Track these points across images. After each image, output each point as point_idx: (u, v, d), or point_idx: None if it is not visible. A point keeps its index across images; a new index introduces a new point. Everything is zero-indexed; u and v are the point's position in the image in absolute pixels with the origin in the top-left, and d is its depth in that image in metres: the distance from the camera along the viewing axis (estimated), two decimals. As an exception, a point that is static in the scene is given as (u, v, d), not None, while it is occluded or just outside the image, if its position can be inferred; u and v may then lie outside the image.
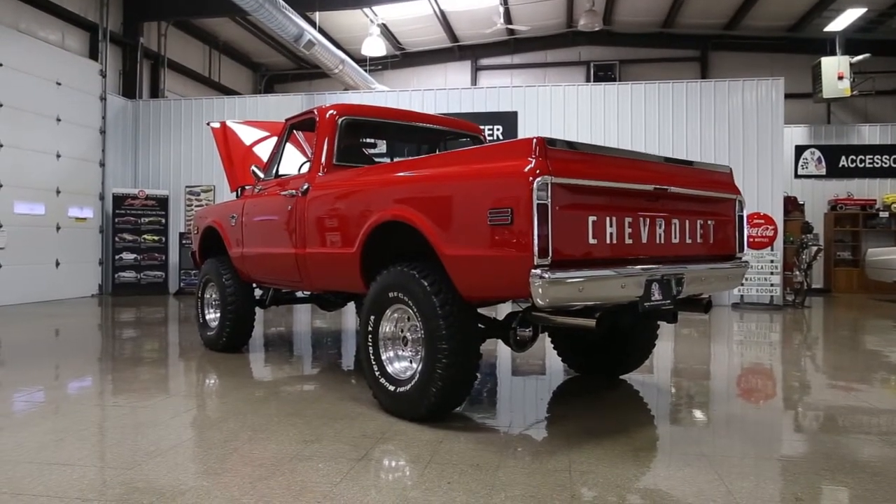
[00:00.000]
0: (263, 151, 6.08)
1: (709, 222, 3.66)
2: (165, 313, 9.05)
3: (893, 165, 12.89)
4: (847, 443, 3.11)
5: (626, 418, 3.56)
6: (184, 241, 11.47)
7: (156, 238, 11.46)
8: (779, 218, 9.80)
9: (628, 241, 3.14)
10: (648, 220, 3.25)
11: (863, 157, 12.98)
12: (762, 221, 9.54)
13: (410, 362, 3.53)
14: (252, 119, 11.34)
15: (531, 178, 2.74)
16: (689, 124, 10.23)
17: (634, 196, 3.20)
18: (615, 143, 10.37)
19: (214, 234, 5.69)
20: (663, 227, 3.34)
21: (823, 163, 13.09)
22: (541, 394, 4.28)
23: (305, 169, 4.58)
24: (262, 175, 4.99)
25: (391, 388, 3.48)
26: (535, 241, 2.72)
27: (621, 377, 4.48)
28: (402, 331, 3.59)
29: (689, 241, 3.51)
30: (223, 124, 6.14)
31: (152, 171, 11.88)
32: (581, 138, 10.48)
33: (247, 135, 6.20)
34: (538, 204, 2.72)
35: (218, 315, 5.57)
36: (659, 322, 4.12)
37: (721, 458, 2.86)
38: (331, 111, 4.48)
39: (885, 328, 7.88)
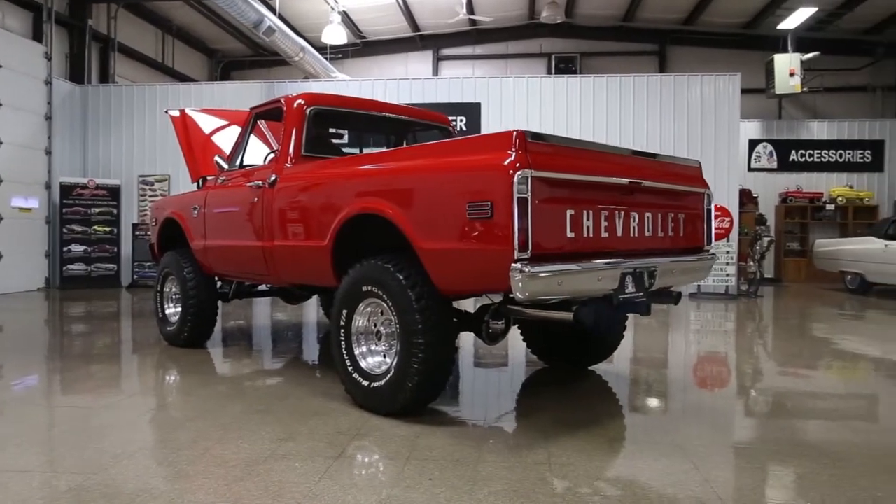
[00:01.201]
0: (225, 140, 5.91)
1: (679, 216, 3.72)
2: (119, 307, 8.73)
3: (840, 160, 13.39)
4: (809, 428, 3.21)
5: (597, 409, 3.59)
6: (137, 233, 11.09)
7: (107, 229, 11.03)
8: (734, 210, 10.07)
9: (604, 234, 3.16)
10: (623, 213, 3.27)
11: (812, 152, 13.45)
12: (719, 213, 9.77)
13: (384, 357, 3.48)
14: (210, 107, 11.02)
15: (512, 172, 2.72)
16: (649, 117, 10.39)
17: (610, 190, 3.21)
18: (577, 136, 10.48)
19: (174, 225, 5.50)
20: (637, 220, 3.37)
21: (775, 156, 13.51)
22: (512, 385, 4.29)
23: (271, 159, 4.46)
24: (225, 165, 4.84)
25: (365, 383, 3.42)
26: (516, 235, 2.70)
27: (589, 367, 4.53)
28: (375, 325, 3.53)
29: (660, 234, 3.56)
30: (182, 112, 5.93)
31: (103, 159, 11.42)
32: (544, 130, 10.54)
33: (207, 123, 6.00)
34: (518, 198, 2.70)
35: (178, 310, 5.40)
36: (631, 314, 4.15)
37: (694, 447, 2.91)
38: (299, 100, 4.36)
39: (833, 316, 8.20)
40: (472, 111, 10.73)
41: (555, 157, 2.93)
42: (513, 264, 2.71)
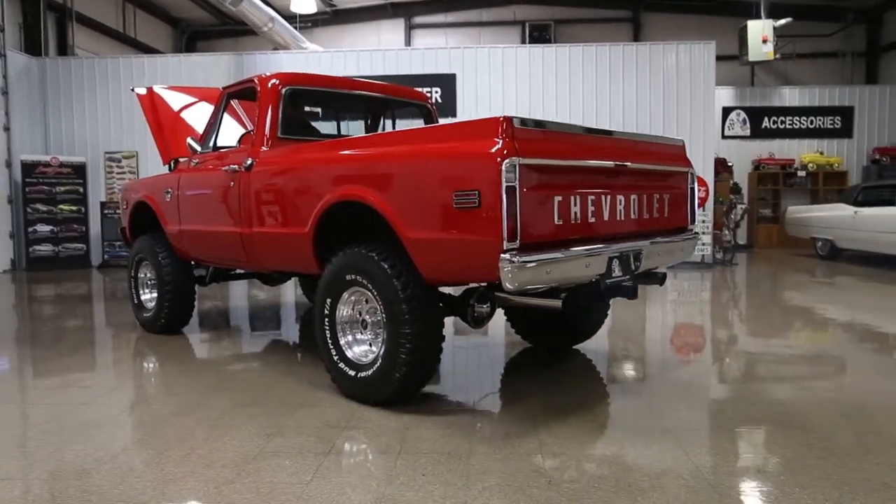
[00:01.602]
0: (196, 120, 5.71)
1: (664, 196, 3.70)
2: (90, 289, 8.53)
3: (811, 126, 13.53)
4: (797, 407, 3.27)
5: (585, 392, 3.61)
6: (105, 212, 10.79)
7: (74, 208, 10.70)
8: (710, 179, 10.14)
9: (591, 219, 3.13)
10: (609, 197, 3.24)
11: (784, 119, 13.55)
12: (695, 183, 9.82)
13: (370, 345, 3.44)
14: (176, 82, 10.67)
15: (499, 160, 2.65)
16: (625, 86, 10.33)
17: (596, 173, 3.17)
18: (553, 105, 10.38)
19: (146, 209, 5.33)
20: (623, 203, 3.34)
21: (748, 124, 13.59)
22: (496, 367, 4.30)
23: (246, 141, 4.32)
24: (198, 148, 4.67)
25: (351, 373, 3.38)
26: (504, 225, 2.65)
27: (573, 346, 4.55)
28: (359, 313, 3.48)
29: (646, 216, 3.54)
30: (150, 91, 5.70)
31: (66, 136, 11.00)
32: (520, 101, 10.44)
33: (177, 102, 5.79)
34: (507, 186, 2.65)
35: (154, 295, 5.27)
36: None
37: (681, 431, 2.94)
38: (273, 80, 4.21)
39: (807, 283, 8.37)
40: (447, 82, 10.55)
41: (542, 143, 2.87)
42: (501, 255, 2.66)
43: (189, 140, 4.68)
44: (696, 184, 4.02)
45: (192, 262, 5.20)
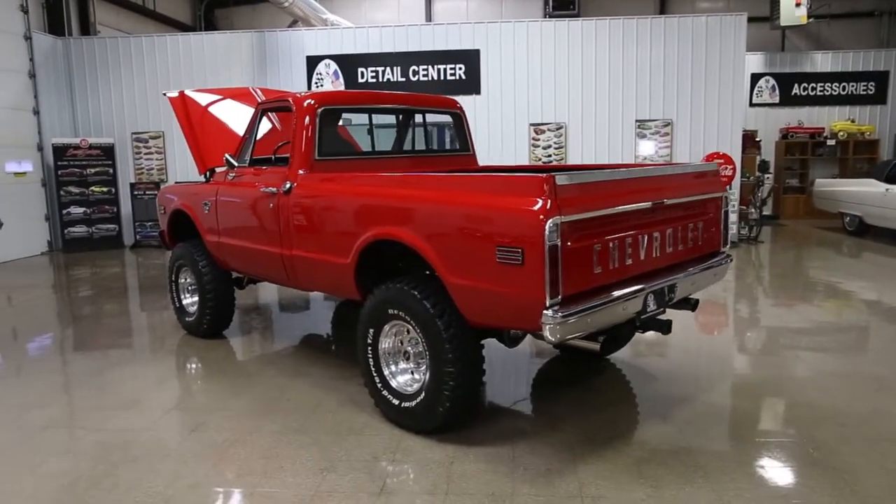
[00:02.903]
0: (228, 122, 5.78)
1: (698, 224, 3.74)
2: (126, 273, 8.79)
3: (843, 93, 13.20)
4: (837, 447, 3.38)
5: (617, 415, 3.74)
6: (135, 192, 10.99)
7: (105, 189, 10.91)
8: (737, 156, 10.02)
9: (628, 261, 3.20)
10: (645, 235, 3.30)
11: (815, 85, 13.23)
12: (722, 161, 9.74)
13: (412, 374, 3.59)
14: (199, 61, 10.71)
15: (543, 218, 2.72)
16: (652, 61, 10.13)
17: (633, 215, 3.22)
18: (578, 81, 10.23)
19: (184, 215, 5.47)
20: (659, 239, 3.40)
21: (777, 91, 13.30)
22: (528, 380, 4.43)
23: (283, 152, 4.41)
24: (235, 163, 4.76)
25: (395, 401, 3.55)
26: (547, 283, 2.74)
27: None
28: (401, 342, 3.62)
29: (680, 247, 3.60)
30: (182, 94, 5.76)
31: (93, 117, 11.12)
32: (545, 77, 10.30)
33: (210, 106, 5.84)
34: (549, 245, 2.72)
35: (195, 300, 5.47)
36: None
37: (715, 470, 3.08)
38: (308, 100, 4.26)
39: (845, 263, 8.35)
40: (470, 59, 10.42)
41: (582, 196, 2.92)
42: (544, 311, 2.76)
43: (227, 157, 4.77)
44: (728, 206, 4.04)
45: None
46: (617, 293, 3.09)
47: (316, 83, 10.67)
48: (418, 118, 5.22)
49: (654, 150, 10.25)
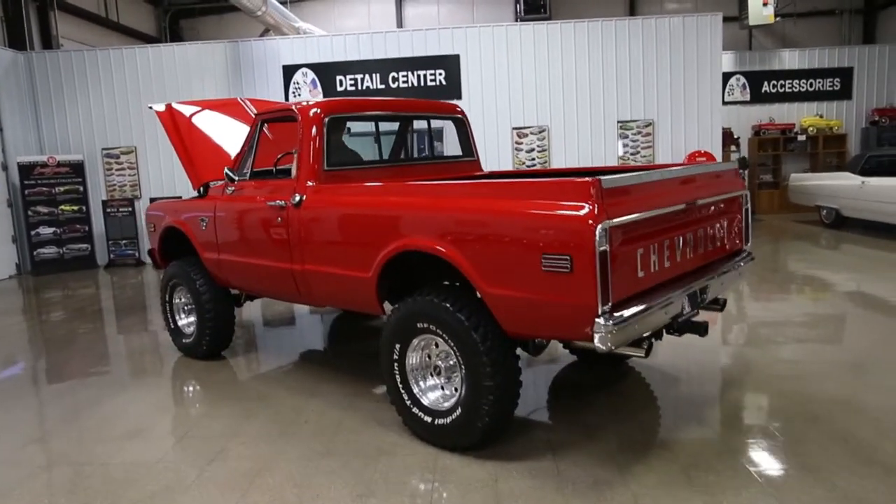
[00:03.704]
0: (219, 137, 5.57)
1: (724, 223, 3.70)
2: (103, 295, 8.42)
3: (810, 89, 13.52)
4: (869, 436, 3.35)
5: (653, 421, 3.67)
6: (108, 210, 10.59)
7: (75, 208, 10.49)
8: (718, 154, 10.15)
9: (666, 263, 3.13)
10: (681, 237, 3.24)
11: (783, 82, 13.52)
12: (704, 159, 9.84)
13: (443, 388, 3.45)
14: (171, 72, 10.43)
15: (592, 223, 2.62)
16: (631, 62, 10.20)
17: (669, 217, 3.16)
18: (559, 83, 10.23)
19: (176, 233, 5.24)
20: (692, 240, 3.35)
21: (748, 89, 13.55)
22: (552, 388, 4.33)
23: (284, 162, 4.24)
24: (235, 177, 4.56)
25: (427, 419, 3.40)
26: (599, 290, 2.64)
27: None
28: (428, 356, 3.48)
29: (710, 247, 3.55)
30: (169, 107, 5.52)
31: (59, 134, 10.69)
32: (525, 80, 10.27)
33: (197, 117, 5.62)
34: (600, 251, 2.63)
35: (192, 320, 5.24)
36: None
37: (765, 471, 3.02)
38: (314, 109, 4.11)
39: (830, 257, 8.49)
40: (451, 64, 10.34)
41: (626, 198, 2.84)
42: (596, 320, 2.67)
43: (227, 170, 4.56)
44: (749, 203, 4.02)
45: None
46: (660, 297, 3.01)
47: (293, 92, 10.45)
48: (417, 124, 5.11)
49: (623, 150, 10.29)
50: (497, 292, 2.98)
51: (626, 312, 2.76)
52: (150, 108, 5.64)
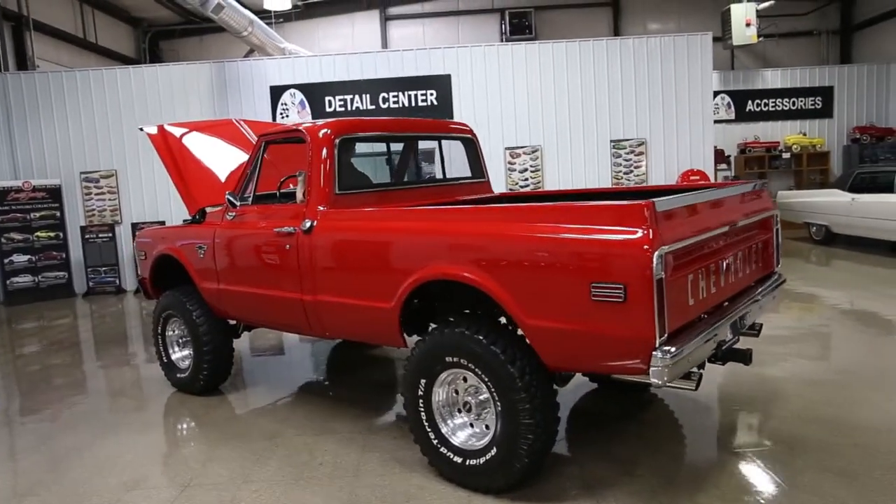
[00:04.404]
0: (213, 160, 5.33)
1: (759, 245, 3.57)
2: (82, 326, 8.02)
3: (793, 108, 13.70)
4: (914, 464, 3.19)
5: (687, 453, 3.48)
6: (87, 236, 10.18)
7: (52, 234, 10.05)
8: (711, 172, 10.14)
9: (712, 289, 2.96)
10: (725, 261, 3.08)
11: (767, 101, 13.67)
12: (698, 178, 9.82)
13: (471, 427, 3.22)
14: (154, 94, 10.17)
15: (648, 250, 2.44)
16: (623, 82, 10.18)
17: (713, 240, 3.00)
18: (552, 103, 10.16)
19: (170, 261, 4.95)
20: (733, 264, 3.19)
21: (732, 108, 13.67)
22: (575, 419, 4.12)
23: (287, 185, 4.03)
24: (237, 203, 4.31)
25: (457, 459, 3.16)
26: (656, 321, 2.45)
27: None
28: (455, 391, 3.25)
29: (747, 270, 3.40)
30: (161, 129, 5.26)
31: (35, 157, 10.26)
32: (518, 100, 10.18)
33: (189, 139, 5.36)
34: (657, 279, 2.44)
35: (187, 353, 4.94)
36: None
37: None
38: (324, 130, 3.89)
39: (829, 276, 8.45)
40: (442, 84, 10.21)
41: (678, 221, 2.67)
42: (654, 353, 2.47)
43: (228, 195, 4.31)
44: (779, 224, 3.89)
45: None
46: (707, 325, 2.84)
47: (281, 114, 10.22)
48: (422, 144, 4.93)
49: (610, 172, 10.25)
50: (540, 324, 2.77)
51: (684, 345, 2.57)
52: (141, 129, 5.37)
